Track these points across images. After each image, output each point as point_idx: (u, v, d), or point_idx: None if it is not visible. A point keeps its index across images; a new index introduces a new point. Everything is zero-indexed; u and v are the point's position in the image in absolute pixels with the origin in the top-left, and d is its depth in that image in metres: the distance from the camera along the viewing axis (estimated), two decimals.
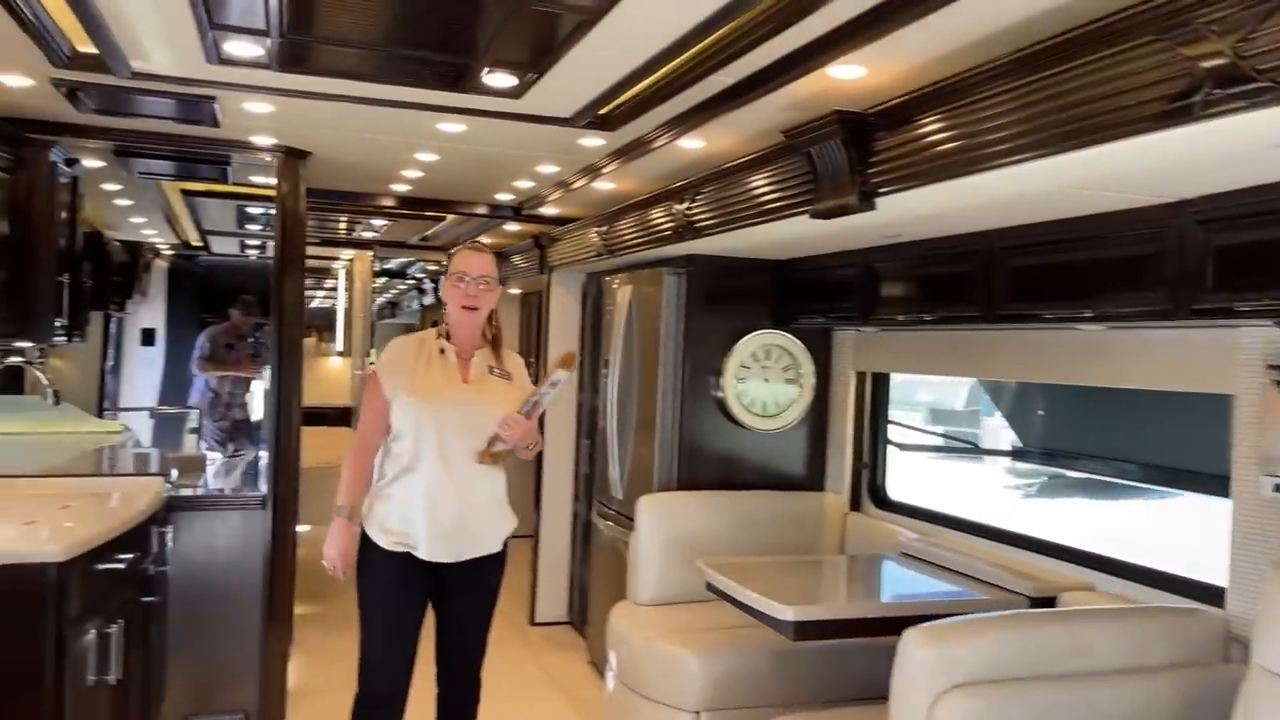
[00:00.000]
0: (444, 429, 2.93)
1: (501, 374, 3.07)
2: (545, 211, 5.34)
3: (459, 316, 3.01)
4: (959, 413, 9.70)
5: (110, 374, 8.30)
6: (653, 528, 4.10)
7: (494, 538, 3.06)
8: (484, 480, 3.00)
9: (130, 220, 6.41)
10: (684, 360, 4.29)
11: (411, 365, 2.99)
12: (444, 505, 2.92)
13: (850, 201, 2.60)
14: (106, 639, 3.04)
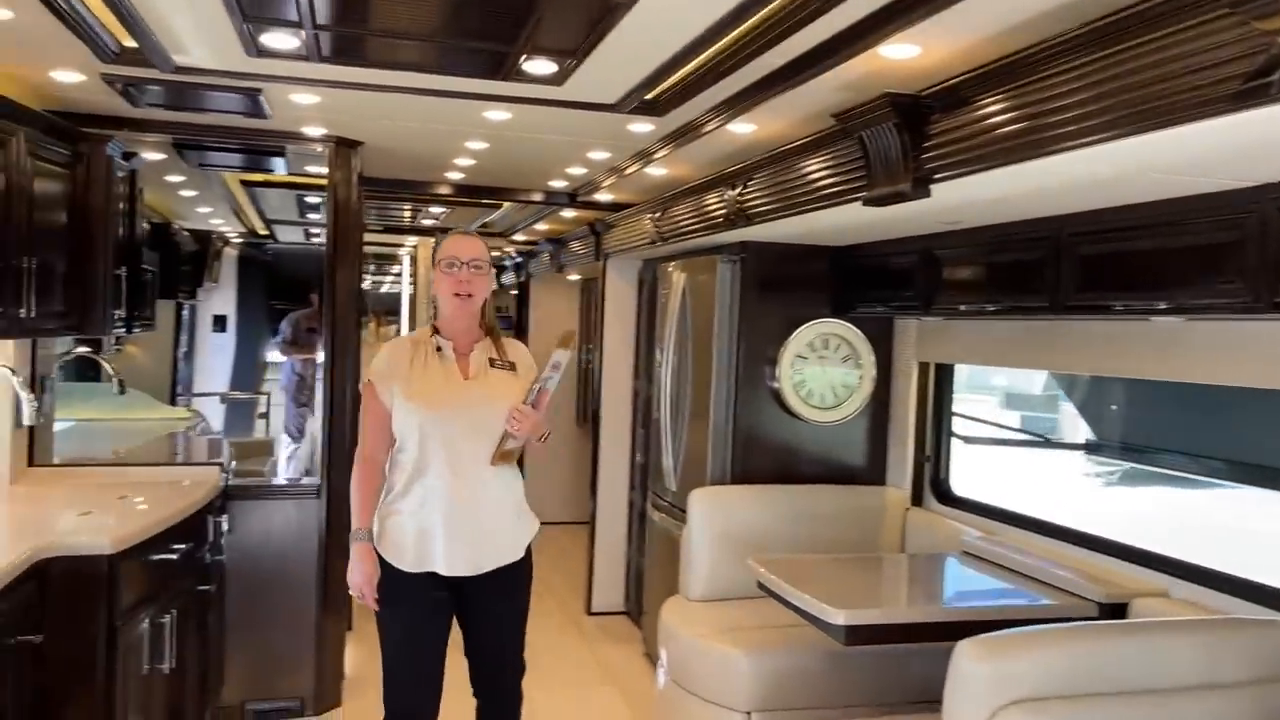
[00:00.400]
0: (449, 433, 2.70)
1: (504, 365, 2.82)
2: (600, 198, 5.27)
3: (452, 307, 2.76)
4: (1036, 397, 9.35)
5: (184, 360, 8.51)
6: (705, 522, 4.01)
7: (514, 545, 2.84)
8: (499, 483, 2.78)
9: (198, 210, 6.52)
10: (738, 350, 4.18)
11: (407, 368, 2.75)
12: (458, 515, 2.70)
13: (903, 188, 2.46)
14: (160, 629, 3.09)
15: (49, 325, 3.39)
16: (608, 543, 5.70)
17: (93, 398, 5.81)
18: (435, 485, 2.70)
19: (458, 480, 2.70)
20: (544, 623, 5.47)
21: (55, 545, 2.69)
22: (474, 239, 2.85)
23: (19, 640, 2.50)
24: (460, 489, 2.70)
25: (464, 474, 2.71)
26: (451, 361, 2.79)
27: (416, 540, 2.72)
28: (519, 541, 2.87)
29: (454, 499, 2.70)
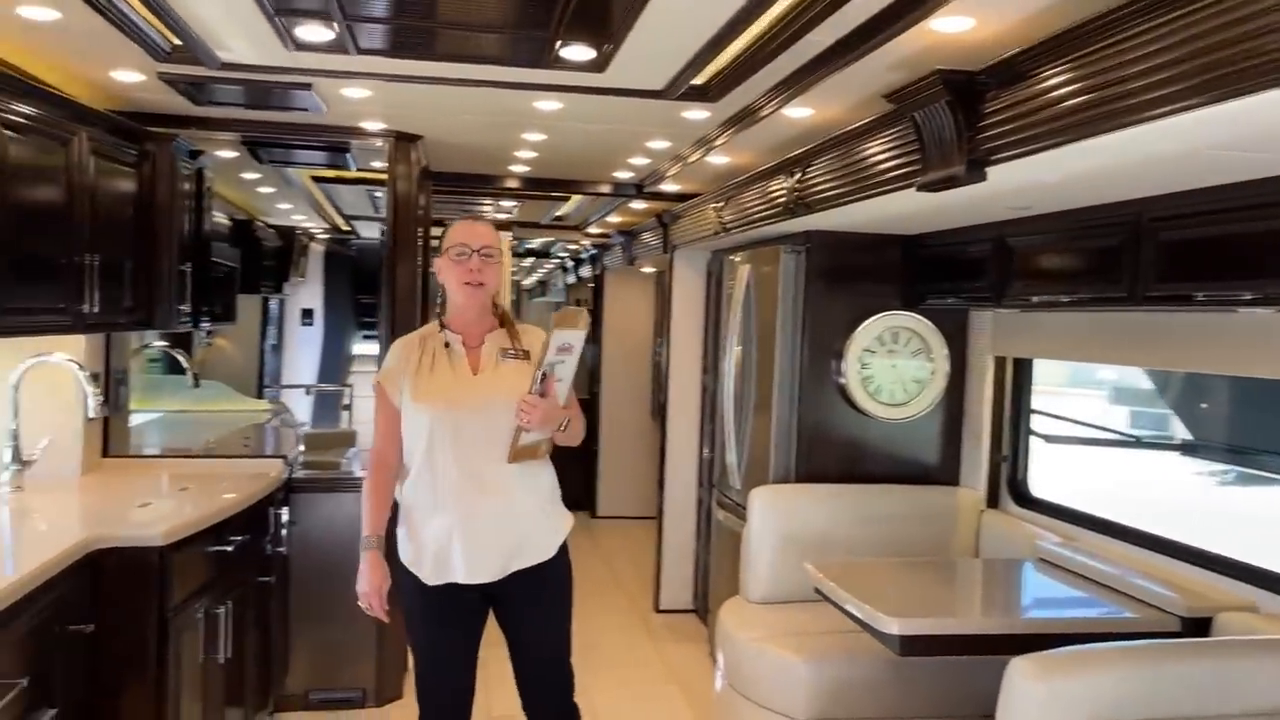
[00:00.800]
0: (459, 431, 2.53)
1: (517, 354, 2.61)
2: (666, 188, 5.18)
3: (462, 297, 2.59)
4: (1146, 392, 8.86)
5: (272, 353, 8.76)
6: (766, 522, 3.89)
7: (544, 543, 2.64)
8: (519, 480, 2.57)
9: (279, 207, 6.67)
10: (802, 343, 4.04)
11: (415, 365, 2.60)
12: (475, 519, 2.53)
13: (957, 172, 2.30)
14: (215, 619, 3.13)
15: (117, 320, 3.48)
16: (676, 540, 5.61)
17: (180, 391, 6.01)
18: (447, 488, 2.55)
19: (471, 481, 2.54)
20: (612, 620, 5.43)
21: (107, 536, 2.74)
22: (484, 224, 2.67)
23: (70, 629, 2.55)
24: (475, 490, 2.54)
25: (478, 474, 2.54)
26: (461, 356, 2.62)
27: (434, 550, 2.57)
28: (549, 540, 2.66)
29: (469, 502, 2.54)
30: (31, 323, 2.96)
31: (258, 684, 3.66)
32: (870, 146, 2.87)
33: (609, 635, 5.19)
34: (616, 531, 7.63)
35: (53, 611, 2.46)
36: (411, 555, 2.61)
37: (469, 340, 2.63)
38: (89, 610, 2.66)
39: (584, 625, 5.21)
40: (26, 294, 2.88)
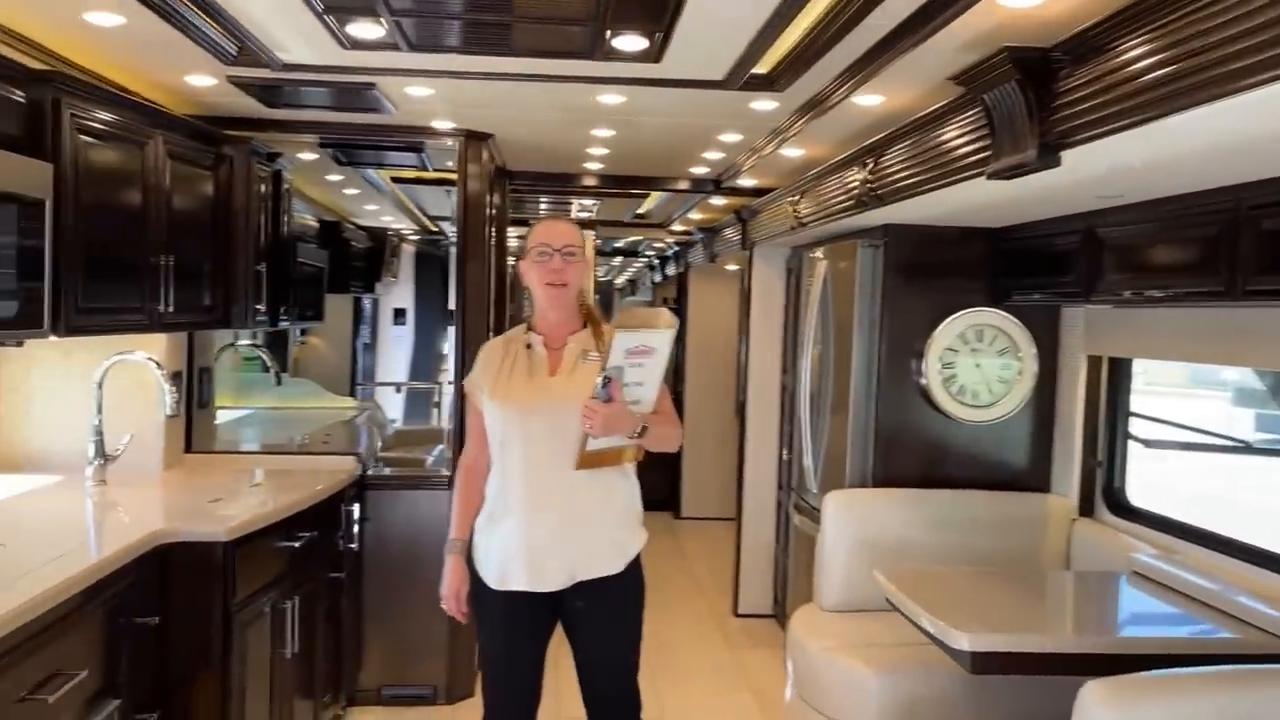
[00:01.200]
0: (529, 434, 2.49)
1: (597, 358, 2.51)
2: (743, 183, 5.07)
3: (545, 297, 2.54)
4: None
5: (366, 352, 8.97)
6: (840, 527, 3.75)
7: (611, 557, 2.54)
8: (591, 489, 2.49)
9: (367, 208, 6.80)
10: (880, 342, 3.88)
11: (496, 367, 2.58)
12: (541, 524, 2.48)
13: (1028, 157, 2.14)
14: (282, 614, 3.17)
15: (194, 320, 3.57)
16: (755, 544, 5.49)
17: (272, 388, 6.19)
18: (516, 493, 2.51)
19: (539, 486, 2.49)
20: (689, 623, 5.34)
21: (174, 531, 2.79)
22: (566, 223, 2.63)
23: (137, 621, 2.61)
24: (541, 496, 2.49)
25: (546, 479, 2.48)
26: (541, 358, 2.57)
27: (500, 555, 2.54)
28: (617, 555, 2.56)
29: (535, 507, 2.49)
30: (111, 322, 3.05)
31: (329, 678, 3.71)
32: (940, 134, 2.71)
33: (685, 639, 5.10)
34: (700, 533, 7.54)
35: (119, 603, 2.52)
36: (480, 558, 2.60)
37: (552, 342, 2.59)
38: (156, 603, 2.72)
39: (661, 628, 5.19)
40: (104, 294, 2.97)
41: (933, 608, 2.70)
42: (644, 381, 2.45)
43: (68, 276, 2.76)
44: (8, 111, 2.60)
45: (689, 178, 5.31)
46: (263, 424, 5.48)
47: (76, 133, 2.79)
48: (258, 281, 3.78)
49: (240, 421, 5.42)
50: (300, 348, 7.52)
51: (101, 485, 3.36)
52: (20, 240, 2.54)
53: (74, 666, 2.25)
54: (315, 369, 7.50)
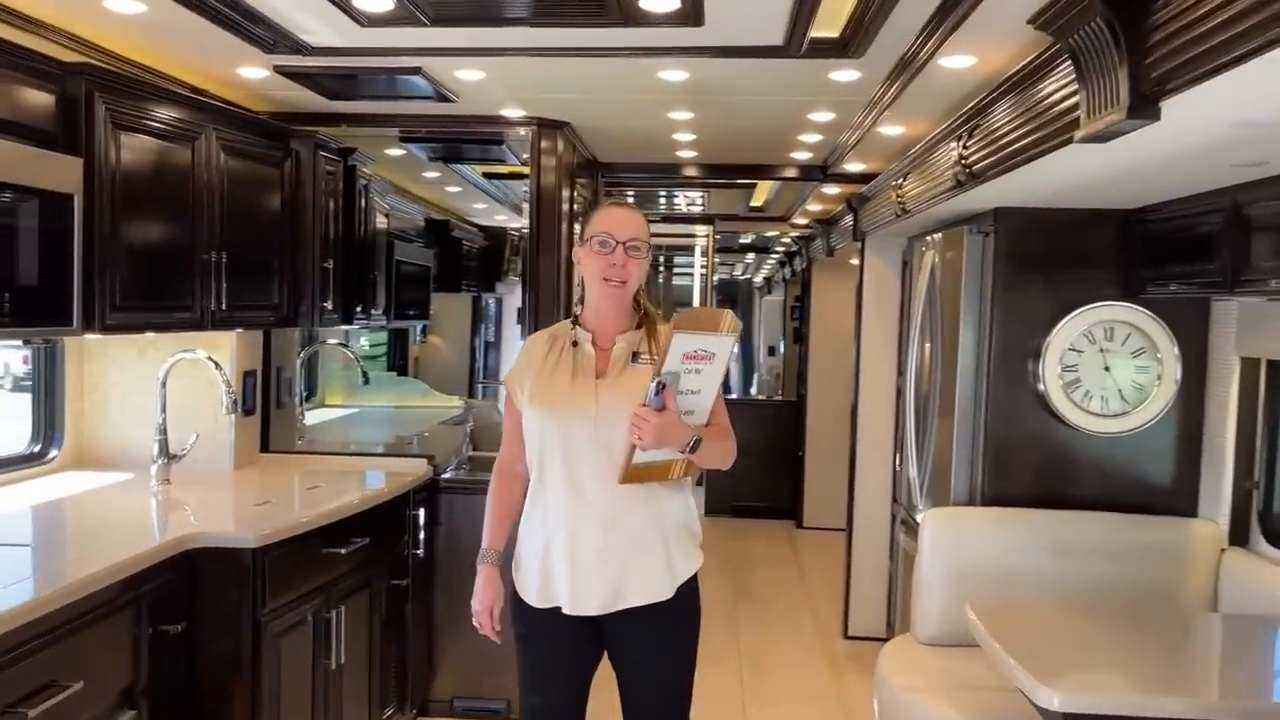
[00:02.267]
0: (570, 441, 2.24)
1: (652, 359, 2.26)
2: (850, 168, 4.68)
3: (600, 293, 2.27)
4: None
5: (490, 350, 8.98)
6: (939, 550, 3.32)
7: (657, 581, 2.27)
8: (636, 505, 2.23)
9: (476, 206, 6.74)
10: (990, 340, 3.43)
11: (539, 364, 2.33)
12: (581, 541, 2.24)
13: (1117, 115, 1.72)
14: (326, 624, 3.05)
15: (255, 318, 3.51)
16: (867, 560, 5.07)
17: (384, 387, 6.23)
18: (555, 504, 2.26)
19: (579, 499, 2.24)
20: (793, 643, 4.98)
21: (203, 535, 2.70)
22: (632, 212, 2.34)
23: (160, 628, 2.53)
24: (582, 510, 2.24)
25: (586, 492, 2.23)
26: (588, 357, 2.31)
27: (541, 571, 2.30)
28: (664, 579, 2.28)
29: (575, 522, 2.24)
30: (155, 319, 3.01)
31: (394, 687, 3.59)
32: (1032, 94, 2.29)
33: (785, 660, 4.75)
34: (821, 544, 7.12)
35: (137, 610, 2.44)
36: (519, 573, 2.37)
37: (601, 340, 2.33)
38: (182, 610, 2.63)
39: (761, 646, 4.86)
40: (148, 291, 2.92)
41: (1026, 653, 2.30)
42: (700, 390, 2.18)
43: (102, 273, 2.71)
44: (38, 106, 2.57)
45: (794, 165, 4.95)
46: (365, 423, 5.49)
47: (114, 127, 2.74)
48: (325, 279, 3.69)
49: (343, 420, 5.45)
50: (420, 346, 7.58)
51: (165, 484, 3.34)
52: (48, 236, 2.49)
53: (71, 677, 2.16)
54: (434, 368, 7.53)
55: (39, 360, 3.48)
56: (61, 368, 3.50)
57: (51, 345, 3.46)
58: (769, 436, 7.97)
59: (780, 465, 7.89)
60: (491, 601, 2.43)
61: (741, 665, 4.64)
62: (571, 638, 2.32)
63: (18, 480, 3.27)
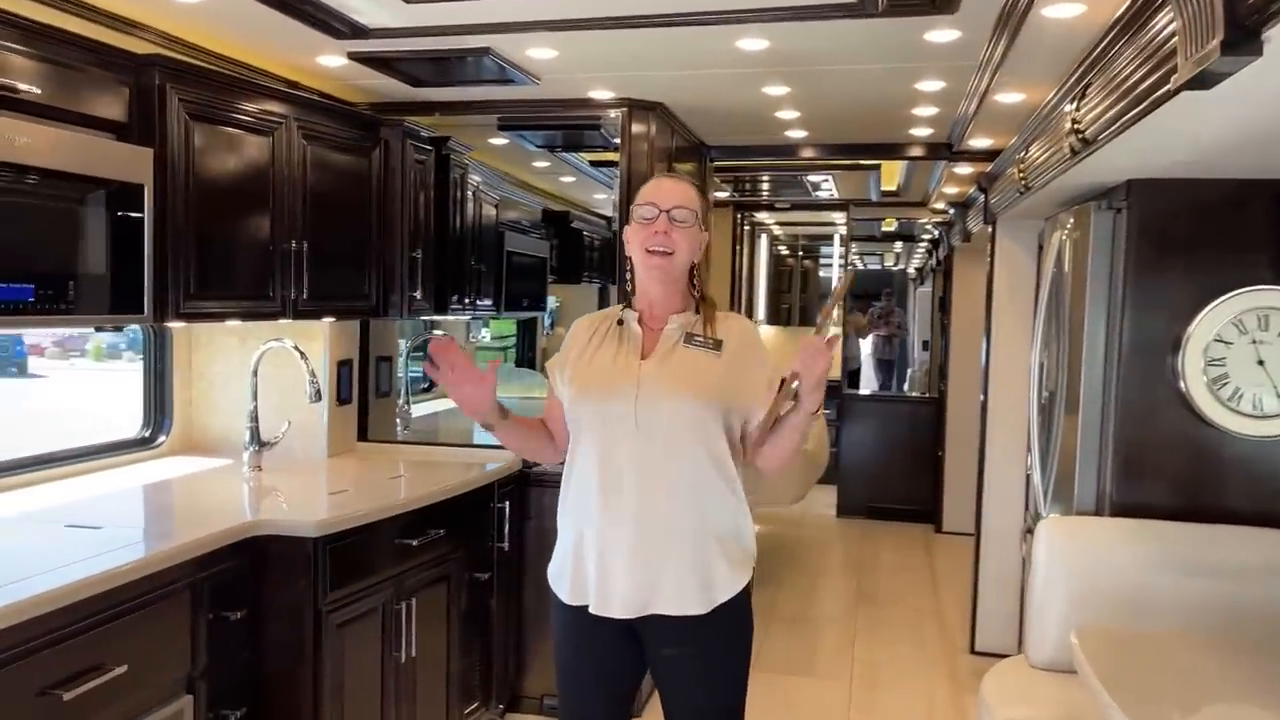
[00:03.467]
0: (607, 425, 2.08)
1: (706, 342, 2.08)
2: (975, 144, 4.30)
3: (646, 266, 2.10)
4: None
5: None
6: (1058, 565, 2.97)
7: (693, 593, 2.07)
8: (681, 501, 2.06)
9: (596, 196, 6.67)
10: (1121, 331, 3.04)
11: (582, 345, 2.18)
12: (613, 536, 2.08)
13: (1210, 52, 1.41)
14: (396, 616, 3.01)
15: (341, 307, 3.52)
16: (997, 569, 4.67)
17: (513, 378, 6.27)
18: (588, 494, 2.11)
19: (614, 489, 2.07)
20: (914, 656, 4.65)
21: (265, 523, 2.70)
22: (678, 180, 2.17)
23: (221, 614, 2.54)
24: (617, 501, 2.07)
25: (623, 481, 2.06)
26: (634, 337, 2.13)
27: (573, 564, 2.16)
28: (703, 591, 2.08)
29: (607, 515, 2.08)
30: (233, 308, 3.04)
31: (478, 683, 3.54)
32: (1139, 38, 1.96)
33: (903, 674, 4.43)
34: (959, 550, 6.65)
35: (195, 595, 2.45)
36: (555, 564, 2.24)
37: (651, 320, 2.15)
38: (245, 597, 2.64)
39: (878, 658, 4.55)
40: (224, 280, 2.97)
41: (1133, 691, 1.98)
42: None
43: (175, 262, 2.75)
44: (111, 97, 2.62)
45: (918, 143, 4.60)
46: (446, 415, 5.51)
47: (189, 118, 2.78)
48: (413, 269, 3.67)
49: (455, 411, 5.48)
50: (549, 338, 7.59)
51: (257, 471, 3.40)
52: (117, 226, 2.54)
53: (118, 661, 2.18)
54: None
55: (150, 349, 3.62)
56: (170, 356, 3.62)
57: (161, 334, 3.59)
58: (909, 435, 7.57)
59: (920, 466, 7.46)
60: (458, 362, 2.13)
61: (853, 676, 4.35)
62: (603, 641, 2.17)
63: (125, 464, 3.41)
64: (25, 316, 2.30)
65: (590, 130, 4.10)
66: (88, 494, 2.98)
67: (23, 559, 2.25)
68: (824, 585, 5.97)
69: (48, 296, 2.34)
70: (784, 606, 5.36)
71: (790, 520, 7.39)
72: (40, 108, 2.40)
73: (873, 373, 10.67)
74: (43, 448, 3.22)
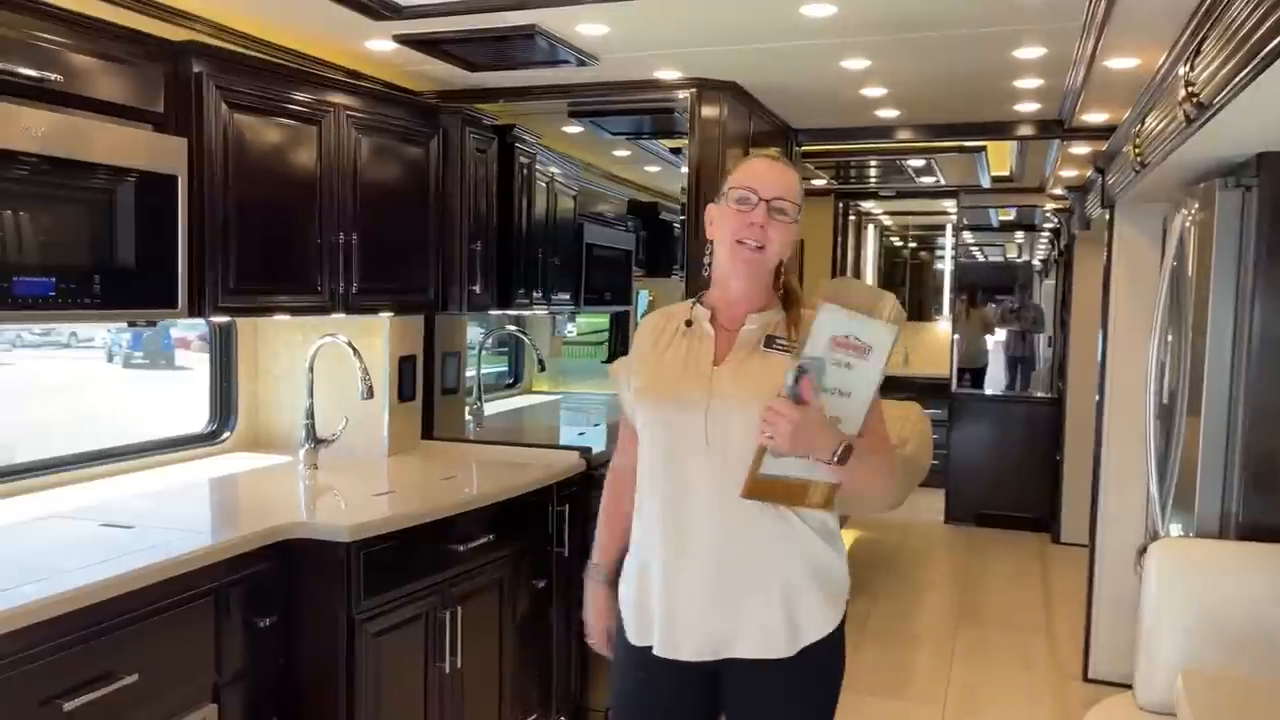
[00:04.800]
0: (673, 440, 1.84)
1: (787, 347, 1.81)
2: (1089, 118, 3.88)
3: (731, 259, 1.84)
4: None
5: None
6: (1171, 593, 2.61)
7: (776, 634, 1.82)
8: (759, 531, 1.81)
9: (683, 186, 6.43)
10: (1250, 325, 2.65)
11: (649, 347, 1.94)
12: (681, 570, 1.83)
13: None
14: (440, 624, 2.88)
15: (398, 301, 3.42)
16: (1116, 587, 4.25)
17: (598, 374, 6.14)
18: (654, 523, 1.87)
19: (683, 517, 1.83)
20: (1019, 681, 4.27)
21: (297, 526, 2.60)
22: (783, 166, 1.88)
23: (248, 621, 2.45)
24: (686, 531, 1.83)
25: (692, 508, 1.82)
26: (705, 338, 1.88)
27: (638, 597, 1.92)
28: (791, 632, 1.83)
29: (678, 547, 1.83)
30: (276, 302, 2.96)
31: (536, 694, 3.38)
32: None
33: (1003, 700, 4.07)
34: (1078, 563, 6.14)
35: (220, 601, 2.37)
36: (621, 594, 2.00)
37: (727, 320, 1.90)
38: (277, 603, 2.54)
39: (978, 680, 4.20)
40: (267, 273, 2.89)
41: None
42: (851, 393, 1.73)
43: (212, 255, 2.68)
44: (147, 86, 2.56)
45: (1026, 120, 4.21)
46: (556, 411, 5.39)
47: (227, 107, 2.70)
48: (472, 262, 3.54)
49: (537, 407, 5.36)
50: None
51: (312, 469, 3.32)
52: (148, 217, 2.47)
53: (129, 669, 2.10)
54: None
55: (215, 344, 3.60)
56: (235, 352, 3.60)
57: (227, 330, 3.57)
58: (1025, 437, 7.08)
59: (1037, 470, 6.96)
60: (603, 627, 2.10)
61: (947, 700, 4.02)
62: (670, 683, 1.91)
63: (189, 460, 3.39)
64: (46, 310, 2.24)
65: (664, 115, 3.89)
66: (137, 490, 2.94)
67: (38, 560, 2.20)
68: (924, 598, 5.60)
69: (70, 290, 2.28)
70: (878, 620, 5.03)
71: (892, 526, 7.00)
72: (68, 96, 2.34)
73: (1001, 371, 10.01)
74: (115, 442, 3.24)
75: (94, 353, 15.63)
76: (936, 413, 7.38)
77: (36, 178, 2.20)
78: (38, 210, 2.22)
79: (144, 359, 15.73)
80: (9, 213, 2.16)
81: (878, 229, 9.36)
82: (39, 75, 2.27)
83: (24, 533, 2.45)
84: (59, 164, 2.24)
